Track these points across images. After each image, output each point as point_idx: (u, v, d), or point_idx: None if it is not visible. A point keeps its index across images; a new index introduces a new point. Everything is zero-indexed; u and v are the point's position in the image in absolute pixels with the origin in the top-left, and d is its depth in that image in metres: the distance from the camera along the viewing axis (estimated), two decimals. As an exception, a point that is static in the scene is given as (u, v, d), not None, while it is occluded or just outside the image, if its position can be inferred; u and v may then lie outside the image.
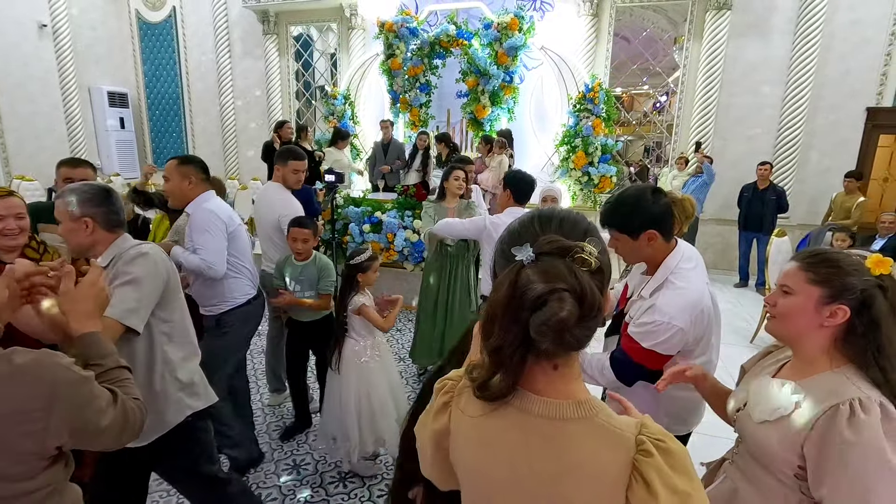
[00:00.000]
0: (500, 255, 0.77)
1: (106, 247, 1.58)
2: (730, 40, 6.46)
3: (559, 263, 0.66)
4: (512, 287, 0.67)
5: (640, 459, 0.67)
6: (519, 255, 0.68)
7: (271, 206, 3.00)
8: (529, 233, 0.73)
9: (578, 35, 7.04)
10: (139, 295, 1.50)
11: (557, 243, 0.68)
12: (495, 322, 0.69)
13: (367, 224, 5.09)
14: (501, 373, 0.71)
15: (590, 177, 6.51)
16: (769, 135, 6.54)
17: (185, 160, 2.35)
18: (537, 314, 0.64)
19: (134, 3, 9.51)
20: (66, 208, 1.53)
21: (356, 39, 8.21)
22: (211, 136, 9.62)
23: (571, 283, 0.65)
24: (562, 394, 0.72)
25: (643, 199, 1.47)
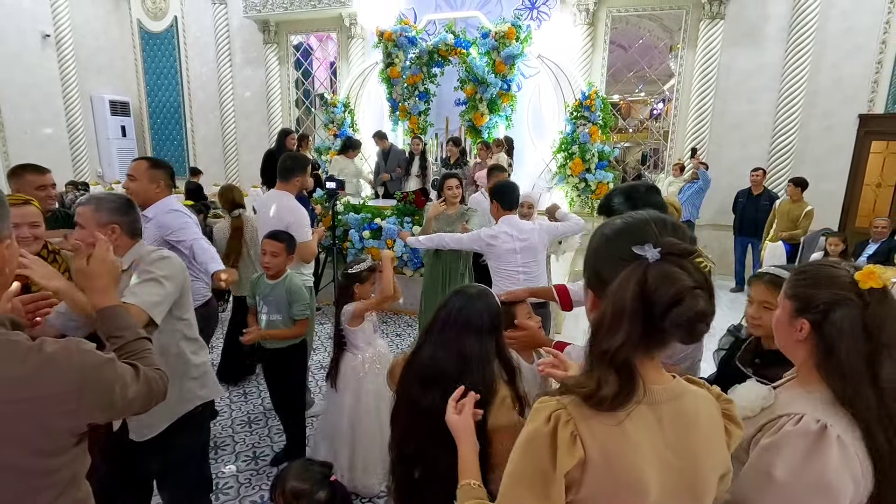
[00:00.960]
0: (609, 253, 0.78)
1: (125, 252, 1.69)
2: (723, 49, 6.56)
3: (687, 264, 0.71)
4: (641, 284, 0.70)
5: (729, 408, 0.85)
6: (644, 253, 0.72)
7: (278, 213, 2.99)
8: (649, 234, 0.75)
9: (575, 43, 7.14)
10: (162, 291, 1.62)
11: (683, 246, 0.72)
12: (622, 319, 0.71)
13: (367, 230, 5.15)
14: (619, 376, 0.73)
15: (587, 183, 6.59)
16: (763, 141, 6.63)
17: (156, 164, 2.44)
18: (677, 309, 0.68)
19: (136, 13, 9.62)
20: (93, 214, 1.62)
21: (355, 48, 8.31)
22: (211, 145, 9.70)
23: (701, 281, 0.70)
24: (664, 378, 0.80)
25: (635, 191, 1.60)
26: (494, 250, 2.81)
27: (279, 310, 2.51)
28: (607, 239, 0.80)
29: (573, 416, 0.75)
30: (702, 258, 0.72)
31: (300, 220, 2.95)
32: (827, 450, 0.88)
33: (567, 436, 0.74)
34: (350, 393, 2.39)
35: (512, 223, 2.83)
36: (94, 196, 1.69)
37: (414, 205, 5.10)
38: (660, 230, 0.76)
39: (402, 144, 7.17)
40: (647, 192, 1.64)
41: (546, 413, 0.77)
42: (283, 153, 4.35)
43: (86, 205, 1.64)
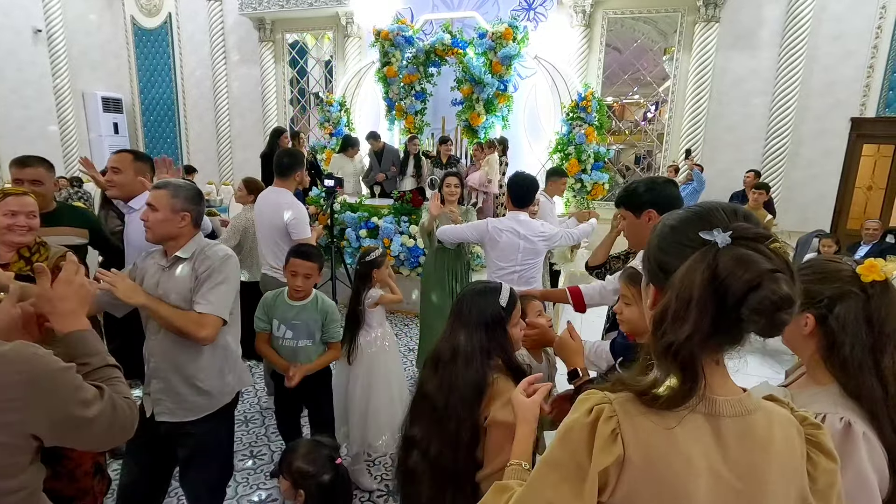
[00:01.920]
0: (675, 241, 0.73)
1: (187, 240, 1.76)
2: (718, 52, 6.62)
3: (763, 247, 0.65)
4: (711, 269, 0.65)
5: (815, 433, 0.74)
6: (713, 238, 0.66)
7: (277, 209, 2.99)
8: (718, 219, 0.70)
9: (571, 45, 7.18)
10: (231, 293, 1.77)
11: (756, 229, 0.67)
12: (689, 308, 0.65)
13: (364, 229, 5.13)
14: (682, 372, 0.66)
15: (583, 184, 6.61)
16: (757, 143, 6.70)
17: (140, 156, 2.46)
18: (756, 293, 0.62)
19: (129, 10, 9.54)
20: (170, 200, 1.68)
21: (352, 47, 8.29)
22: (206, 142, 9.63)
23: (781, 265, 0.64)
24: (732, 389, 0.72)
25: (653, 182, 1.67)
26: (497, 243, 2.79)
27: (310, 334, 2.26)
28: (672, 228, 0.75)
29: (617, 412, 0.70)
30: (778, 243, 0.66)
31: (301, 217, 2.95)
32: (857, 445, 0.89)
33: (607, 431, 0.69)
34: (363, 365, 2.55)
35: (521, 220, 2.79)
36: (171, 182, 1.76)
37: (411, 204, 5.09)
38: (729, 217, 0.71)
39: (399, 144, 7.16)
40: (664, 185, 1.69)
41: (589, 405, 0.73)
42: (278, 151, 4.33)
43: (163, 189, 1.71)
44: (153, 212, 1.68)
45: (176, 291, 1.70)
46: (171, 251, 1.74)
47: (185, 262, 1.74)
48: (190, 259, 1.74)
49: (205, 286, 1.70)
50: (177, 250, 1.74)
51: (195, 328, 1.66)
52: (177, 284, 1.71)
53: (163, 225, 1.69)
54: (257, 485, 2.61)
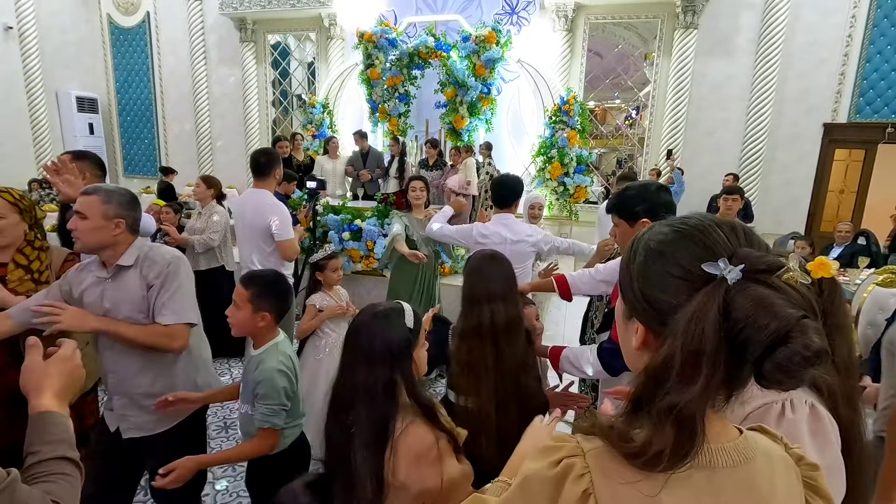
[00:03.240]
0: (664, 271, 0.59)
1: (125, 247, 1.64)
2: (697, 57, 6.76)
3: (781, 283, 0.53)
4: (724, 316, 0.52)
5: (813, 476, 0.64)
6: (720, 273, 0.54)
7: (259, 211, 2.93)
8: (720, 244, 0.57)
9: (554, 49, 7.24)
10: (189, 294, 1.69)
11: (769, 258, 0.54)
12: (700, 364, 0.53)
13: (347, 232, 5.08)
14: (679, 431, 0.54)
15: (565, 187, 6.67)
16: (735, 148, 6.84)
17: (80, 155, 2.32)
18: (785, 349, 0.50)
19: (106, 7, 9.32)
20: (101, 205, 1.56)
21: (335, 49, 8.23)
22: (185, 144, 9.45)
23: (807, 305, 0.52)
24: (728, 433, 0.62)
25: (646, 189, 1.61)
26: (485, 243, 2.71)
27: (248, 400, 1.69)
28: (659, 253, 0.61)
29: (591, 470, 0.58)
30: (791, 271, 0.53)
31: (282, 218, 2.89)
32: (828, 427, 0.91)
33: (577, 493, 0.57)
34: (306, 372, 2.42)
35: (507, 223, 2.73)
36: (102, 187, 1.63)
37: (394, 206, 5.05)
38: (730, 239, 0.57)
39: (382, 146, 7.13)
40: (658, 191, 1.63)
41: (556, 456, 0.60)
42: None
43: (93, 194, 1.58)
44: (82, 220, 1.55)
45: (126, 302, 1.60)
46: (111, 261, 1.62)
47: (130, 270, 1.62)
48: (135, 266, 1.63)
49: (163, 295, 1.61)
50: (116, 259, 1.62)
51: (166, 341, 1.60)
52: (126, 294, 1.61)
53: (94, 233, 1.56)
54: (237, 492, 2.55)
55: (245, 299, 1.63)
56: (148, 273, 1.61)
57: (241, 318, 1.64)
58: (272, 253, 2.94)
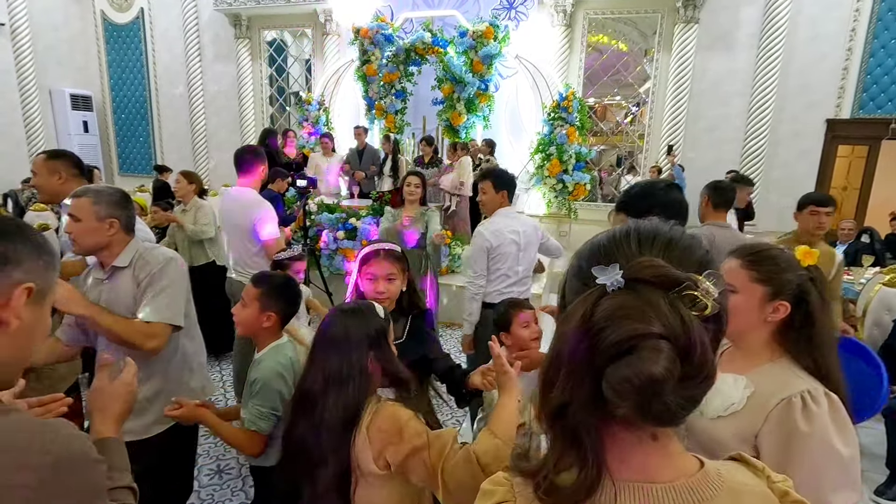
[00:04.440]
0: (575, 273, 0.58)
1: (121, 248, 1.62)
2: (697, 52, 6.66)
3: (659, 298, 0.48)
4: (586, 321, 0.49)
5: None
6: (602, 277, 0.50)
7: (242, 209, 2.86)
8: (622, 251, 0.54)
9: (552, 45, 7.15)
10: (180, 296, 1.64)
11: (661, 270, 0.49)
12: (560, 369, 0.50)
13: (342, 231, 5.00)
14: (575, 455, 0.50)
15: (564, 184, 6.58)
16: (736, 144, 6.75)
17: (54, 154, 2.28)
18: (617, 365, 0.46)
19: (99, 4, 9.22)
20: (92, 206, 1.54)
21: (331, 45, 8.14)
22: (180, 142, 9.36)
23: (674, 326, 0.46)
24: (680, 467, 0.54)
25: (654, 186, 1.59)
26: (501, 246, 2.61)
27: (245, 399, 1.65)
28: (578, 255, 0.59)
29: None
30: (699, 293, 0.48)
31: (266, 216, 2.82)
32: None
33: None
34: None
35: (512, 215, 2.69)
36: (91, 188, 1.61)
37: (390, 204, 4.97)
38: (642, 247, 0.54)
39: (378, 144, 7.05)
40: (666, 190, 1.57)
41: (493, 501, 0.57)
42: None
43: (83, 196, 1.56)
44: (76, 222, 1.55)
45: (120, 304, 1.58)
46: (108, 261, 1.61)
47: (124, 271, 1.61)
48: (129, 267, 1.61)
49: (148, 293, 1.58)
50: (113, 260, 1.61)
51: (141, 339, 1.53)
52: (119, 296, 1.59)
53: (89, 235, 1.55)
54: (223, 500, 2.48)
55: (253, 297, 1.61)
56: (139, 273, 1.60)
57: (246, 316, 1.62)
58: (258, 253, 2.87)
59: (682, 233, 0.57)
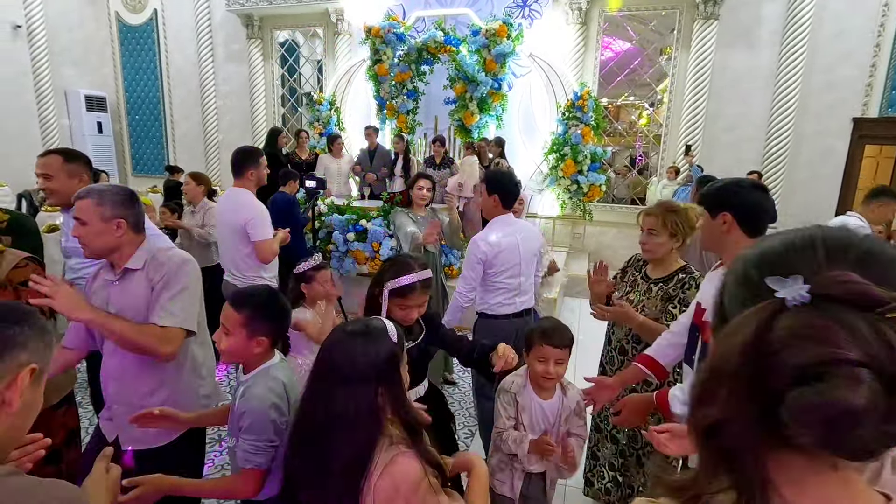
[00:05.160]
0: (741, 281, 0.51)
1: (133, 249, 1.56)
2: (717, 50, 6.47)
3: (856, 319, 0.41)
4: (759, 336, 0.43)
5: None
6: (781, 290, 0.44)
7: (234, 210, 2.81)
8: (805, 261, 0.47)
9: (567, 43, 7.01)
10: (194, 300, 1.58)
11: (859, 287, 0.43)
12: (720, 385, 0.45)
13: (352, 232, 4.92)
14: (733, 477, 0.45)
15: (579, 185, 6.44)
16: (757, 143, 6.55)
17: (72, 156, 2.16)
18: (802, 391, 0.41)
19: (114, 6, 9.28)
20: (96, 208, 1.48)
21: (342, 45, 8.08)
22: (192, 142, 9.38)
23: (878, 354, 0.40)
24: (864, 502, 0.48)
25: (734, 182, 1.51)
26: (498, 255, 2.43)
27: (232, 429, 1.46)
28: (744, 262, 0.52)
29: None
30: None
31: (257, 217, 2.76)
32: None
33: None
34: None
35: (511, 223, 2.48)
36: (94, 188, 1.55)
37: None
38: (830, 257, 0.47)
39: (390, 144, 6.97)
40: (749, 189, 1.48)
41: None
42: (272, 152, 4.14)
43: (86, 198, 1.49)
44: (82, 225, 1.48)
45: (131, 307, 1.52)
46: (119, 263, 1.55)
47: (137, 274, 1.55)
48: (143, 269, 1.55)
49: (164, 296, 1.51)
50: (125, 262, 1.54)
51: (156, 344, 1.45)
52: (131, 299, 1.52)
53: (97, 238, 1.49)
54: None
55: (237, 324, 1.36)
56: (154, 275, 1.54)
57: (231, 344, 1.37)
58: (250, 254, 2.81)
59: (883, 245, 0.48)
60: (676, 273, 1.95)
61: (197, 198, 3.58)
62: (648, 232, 1.94)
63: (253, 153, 2.91)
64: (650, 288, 1.98)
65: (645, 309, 1.93)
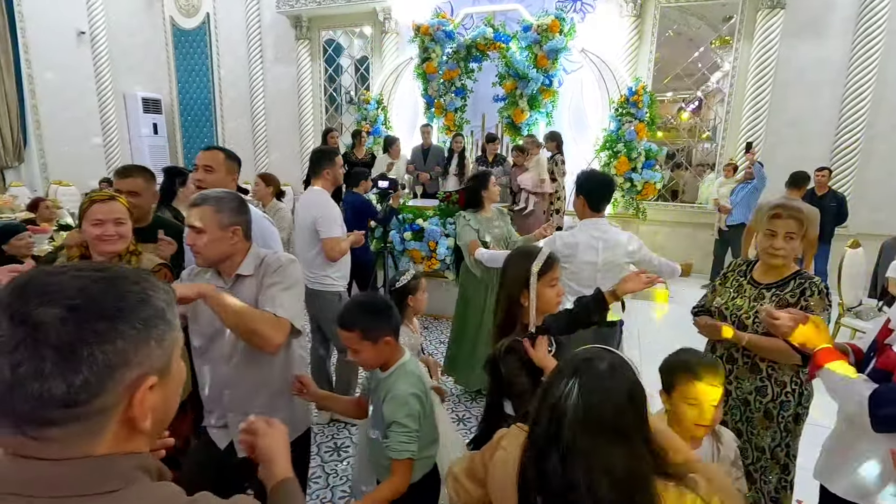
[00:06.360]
0: None
1: (243, 256, 1.56)
2: (783, 40, 6.16)
3: None
4: None
5: None
6: None
7: (307, 209, 2.86)
8: None
9: (620, 37, 6.82)
10: (300, 300, 1.60)
11: None
12: None
13: (409, 232, 4.94)
14: None
15: (632, 183, 6.27)
16: (825, 139, 6.21)
17: (230, 154, 2.29)
18: None
19: (168, 10, 9.60)
20: (215, 215, 1.48)
21: (389, 43, 8.11)
22: (241, 142, 9.61)
23: None
24: None
25: None
26: (573, 260, 2.36)
27: (377, 424, 1.56)
28: None
29: None
30: None
31: (327, 215, 2.80)
32: None
33: None
34: None
35: (600, 227, 2.37)
36: (210, 195, 1.53)
37: (458, 205, 4.85)
38: None
39: (437, 142, 6.97)
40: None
41: None
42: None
43: (203, 205, 1.49)
44: (199, 234, 1.47)
45: None
46: (230, 270, 1.55)
47: (248, 279, 1.56)
48: (254, 275, 1.56)
49: (274, 289, 1.51)
50: (235, 268, 1.55)
51: (271, 331, 1.44)
52: None
53: (214, 246, 1.49)
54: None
55: (357, 340, 1.46)
56: (266, 279, 1.54)
57: (367, 357, 1.49)
58: (319, 253, 2.84)
59: None
60: (792, 278, 1.83)
61: (266, 199, 3.65)
62: (787, 236, 1.77)
63: (329, 153, 2.94)
64: (761, 294, 1.87)
65: (757, 315, 1.84)
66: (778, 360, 1.80)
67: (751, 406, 1.85)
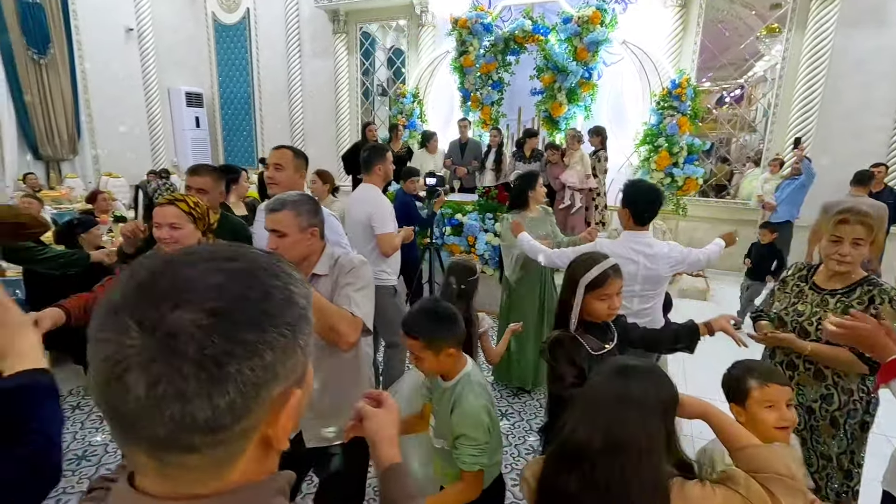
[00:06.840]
0: None
1: (319, 256, 1.61)
2: (838, 29, 5.89)
3: None
4: None
5: None
6: None
7: (360, 205, 2.92)
8: None
9: (664, 28, 6.64)
10: (372, 300, 1.63)
11: None
12: None
13: (448, 226, 4.98)
14: None
15: (673, 178, 6.14)
16: (881, 133, 5.93)
17: (299, 153, 2.34)
18: None
19: (210, 6, 9.84)
20: (295, 219, 1.52)
21: (426, 37, 8.12)
22: (279, 136, 9.81)
23: None
24: None
25: None
26: None
27: (442, 434, 1.56)
28: None
29: None
30: None
31: (381, 212, 2.85)
32: None
33: None
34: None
35: (641, 241, 2.28)
36: (288, 199, 1.57)
37: (497, 200, 4.86)
38: None
39: (473, 136, 6.96)
40: None
41: None
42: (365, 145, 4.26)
43: (281, 210, 1.53)
44: (281, 238, 1.52)
45: None
46: (306, 271, 1.61)
47: (323, 279, 1.62)
48: (329, 275, 1.62)
49: (349, 289, 1.57)
50: (311, 268, 1.61)
51: (348, 329, 1.49)
52: None
53: (295, 248, 1.54)
54: None
55: (420, 348, 1.46)
56: (339, 278, 1.60)
57: (428, 366, 1.48)
58: (374, 248, 2.90)
59: None
60: (859, 284, 1.79)
61: (323, 195, 3.71)
62: (854, 243, 1.71)
63: (380, 149, 2.99)
64: (825, 300, 1.84)
65: (821, 323, 1.81)
66: (842, 370, 1.77)
67: (815, 414, 1.83)
